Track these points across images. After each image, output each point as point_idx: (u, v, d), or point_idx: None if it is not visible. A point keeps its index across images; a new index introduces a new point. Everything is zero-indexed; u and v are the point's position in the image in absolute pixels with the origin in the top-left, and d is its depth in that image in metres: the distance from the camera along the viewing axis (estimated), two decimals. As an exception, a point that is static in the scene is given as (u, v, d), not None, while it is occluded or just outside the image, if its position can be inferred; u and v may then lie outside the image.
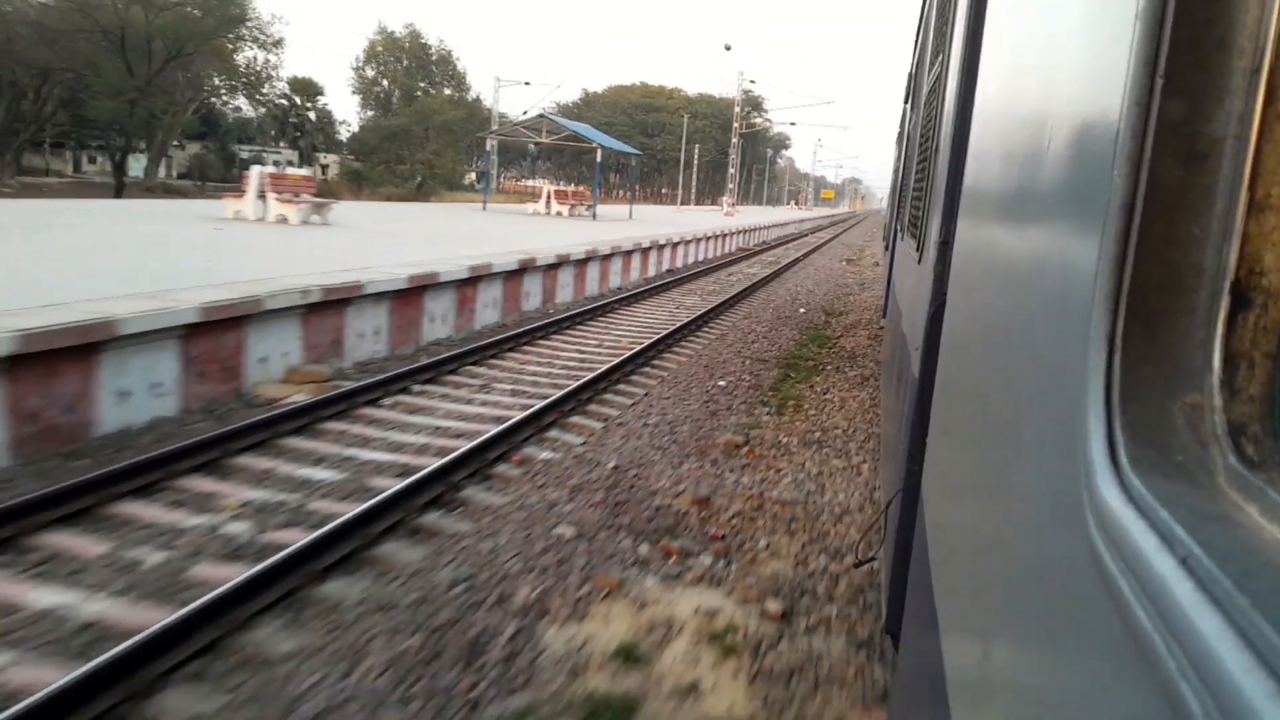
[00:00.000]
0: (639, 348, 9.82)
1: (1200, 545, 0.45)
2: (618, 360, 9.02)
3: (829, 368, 10.22)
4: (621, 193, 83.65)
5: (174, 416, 6.43)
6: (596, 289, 15.89)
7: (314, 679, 3.30)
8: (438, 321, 10.41)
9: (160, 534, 4.51)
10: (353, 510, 4.61)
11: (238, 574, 3.86)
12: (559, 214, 28.39)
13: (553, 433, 6.76)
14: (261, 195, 15.26)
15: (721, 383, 8.88)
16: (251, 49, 51.25)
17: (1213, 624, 0.40)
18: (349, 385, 7.23)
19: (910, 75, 7.66)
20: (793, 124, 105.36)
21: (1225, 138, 0.54)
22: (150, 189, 44.46)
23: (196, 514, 4.75)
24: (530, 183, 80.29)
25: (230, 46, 47.94)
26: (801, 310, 15.47)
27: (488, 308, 11.70)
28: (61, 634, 3.54)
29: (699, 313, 13.04)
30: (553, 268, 13.79)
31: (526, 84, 57.14)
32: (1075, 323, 0.68)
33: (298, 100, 78.48)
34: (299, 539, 4.26)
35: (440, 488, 5.27)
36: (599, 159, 31.43)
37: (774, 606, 4.13)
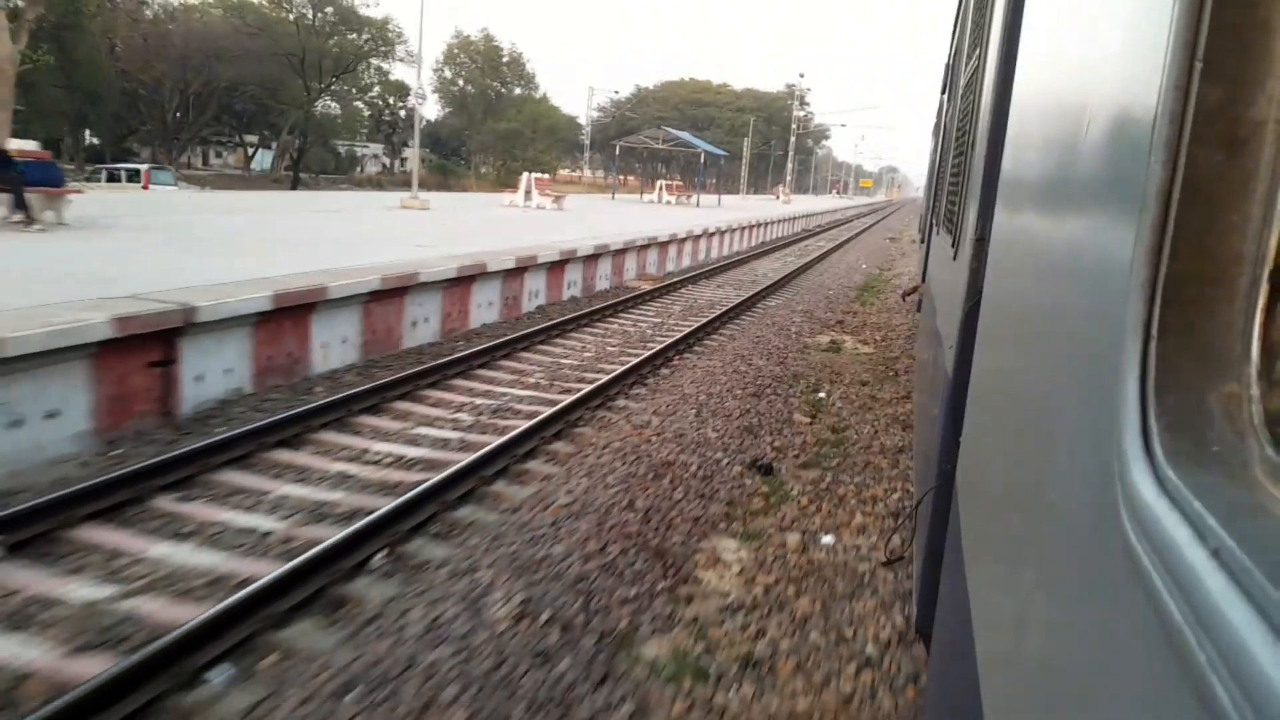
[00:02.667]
0: (795, 267, 18.88)
1: (1233, 537, 0.44)
2: (790, 270, 17.76)
3: (889, 291, 18.65)
4: (681, 184, 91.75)
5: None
6: (746, 244, 25.08)
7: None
8: (700, 254, 19.87)
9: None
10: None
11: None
12: (668, 203, 36.80)
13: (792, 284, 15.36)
14: (527, 193, 23.71)
15: (831, 292, 17.36)
16: (390, 63, 60.47)
17: (1244, 617, 0.40)
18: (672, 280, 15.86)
19: (947, 67, 7.84)
20: (843, 125, 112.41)
21: (1266, 121, 0.53)
22: (277, 180, 53.64)
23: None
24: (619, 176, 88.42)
25: (385, 64, 57.42)
26: (864, 266, 23.87)
27: (714, 244, 20.95)
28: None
29: (810, 258, 21.69)
30: (743, 229, 22.92)
31: (616, 93, 65.42)
32: (1111, 313, 0.67)
33: (390, 100, 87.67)
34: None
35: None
36: (703, 160, 40.07)
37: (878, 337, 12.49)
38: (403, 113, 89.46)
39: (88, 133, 50.82)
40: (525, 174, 24.16)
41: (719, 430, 7.13)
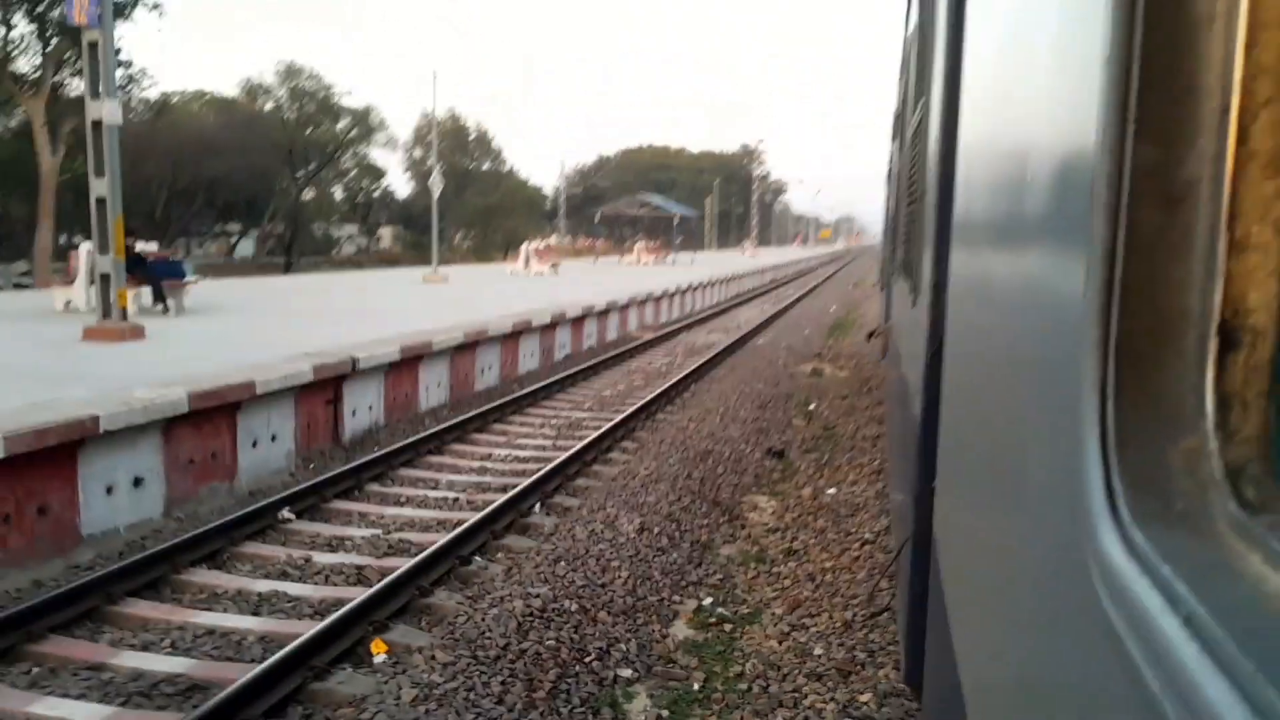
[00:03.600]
0: (771, 313, 21.17)
1: (1203, 603, 0.45)
2: (768, 316, 20.21)
3: (857, 329, 21.19)
4: (655, 245, 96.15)
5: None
6: (726, 295, 27.58)
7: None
8: (687, 306, 21.90)
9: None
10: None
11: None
12: (645, 263, 39.50)
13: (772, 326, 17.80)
14: (526, 260, 26.12)
15: (807, 331, 19.84)
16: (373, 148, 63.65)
17: (1219, 689, 0.40)
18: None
19: (896, 116, 7.81)
20: (801, 181, 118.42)
21: (1201, 179, 0.54)
22: (263, 266, 55.95)
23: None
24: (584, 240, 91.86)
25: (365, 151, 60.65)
26: (832, 309, 26.53)
27: (698, 298, 23.12)
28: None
29: (785, 305, 24.30)
30: (721, 282, 25.33)
31: (579, 165, 69.24)
32: (1068, 369, 0.67)
33: (365, 183, 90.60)
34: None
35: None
36: (676, 222, 43.27)
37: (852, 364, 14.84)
38: (376, 194, 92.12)
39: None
40: (525, 244, 26.65)
41: (739, 431, 9.38)
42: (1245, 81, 0.52)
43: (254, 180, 51.00)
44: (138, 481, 6.06)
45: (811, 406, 11.19)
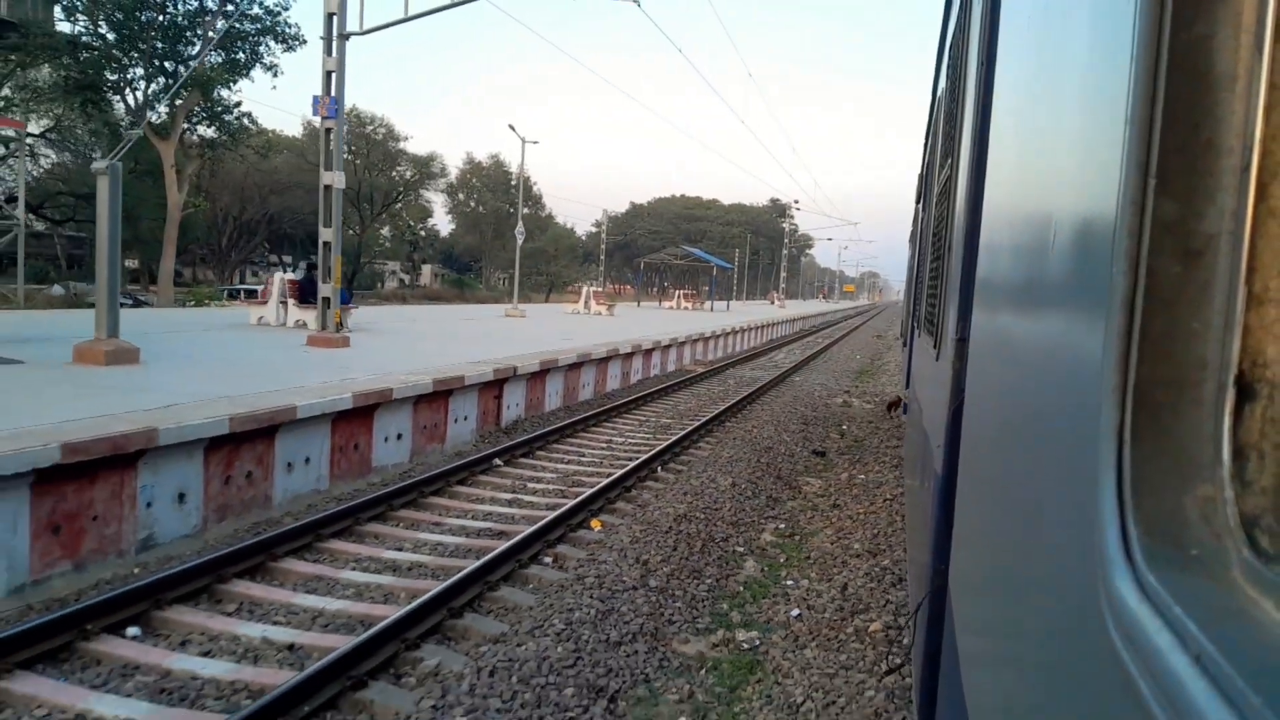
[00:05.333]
0: (803, 357, 23.90)
1: (1214, 643, 0.45)
2: (802, 359, 23.14)
3: (880, 374, 24.07)
4: (693, 293, 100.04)
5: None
6: (761, 340, 30.52)
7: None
8: (729, 347, 24.87)
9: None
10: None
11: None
12: (685, 309, 42.83)
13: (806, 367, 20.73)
14: (585, 301, 29.43)
15: (837, 372, 22.74)
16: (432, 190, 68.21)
17: None
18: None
19: (921, 177, 8.08)
20: (829, 239, 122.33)
21: (1219, 234, 0.55)
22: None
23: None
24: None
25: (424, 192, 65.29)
26: (858, 357, 29.47)
27: (737, 340, 26.07)
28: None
29: (814, 351, 27.15)
30: (756, 329, 28.32)
31: (607, 211, 73.37)
32: (1086, 418, 0.69)
33: (412, 223, 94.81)
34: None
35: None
36: (714, 273, 46.79)
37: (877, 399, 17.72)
38: (422, 233, 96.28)
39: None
40: (585, 287, 30.03)
41: (790, 437, 12.33)
42: (1265, 140, 0.53)
43: (313, 216, 55.60)
44: (399, 436, 9.12)
45: (844, 427, 14.11)
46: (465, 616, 5.31)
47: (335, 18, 11.95)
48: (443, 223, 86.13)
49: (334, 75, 11.92)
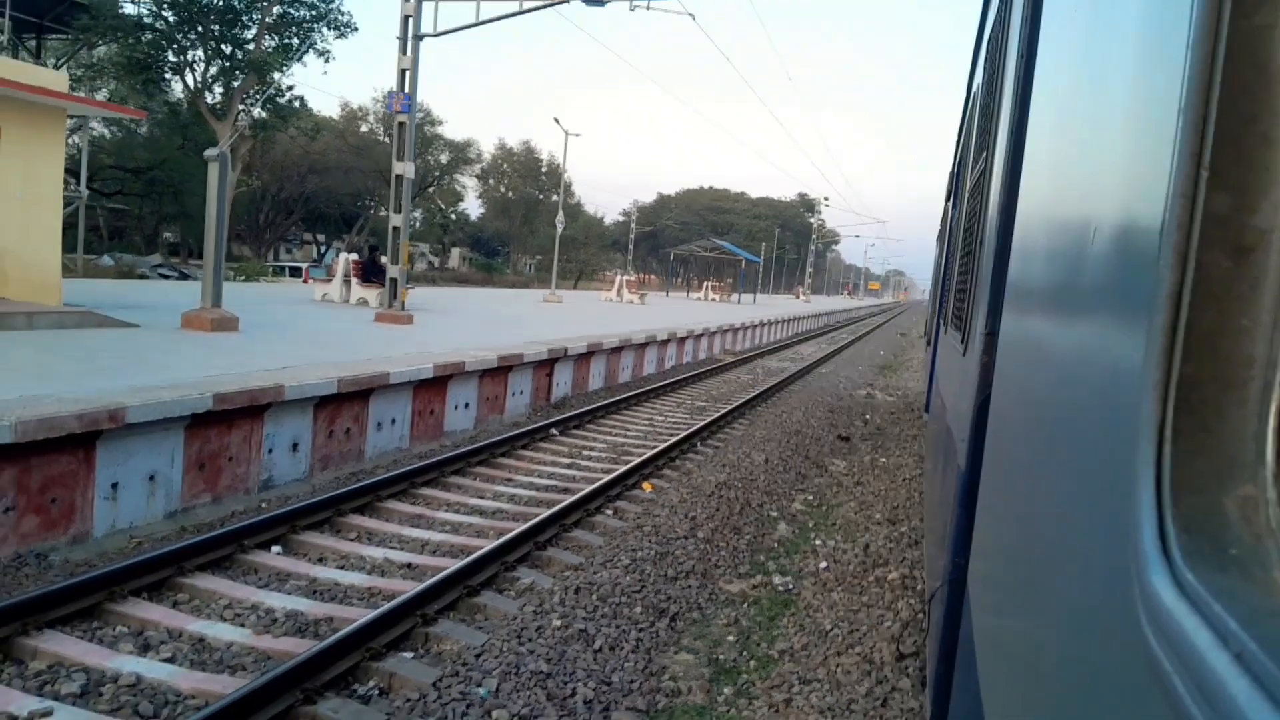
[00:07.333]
0: (828, 351, 24.68)
1: (1256, 641, 0.45)
2: (827, 353, 23.98)
3: (903, 370, 24.85)
4: (721, 285, 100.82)
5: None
6: (787, 333, 31.46)
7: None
8: (757, 338, 25.75)
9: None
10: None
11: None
12: (713, 300, 43.73)
13: (831, 360, 21.57)
14: (619, 290, 30.43)
15: (861, 367, 23.55)
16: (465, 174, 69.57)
17: None
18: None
19: (952, 174, 8.16)
20: (856, 236, 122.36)
21: (1273, 230, 0.54)
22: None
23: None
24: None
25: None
26: (881, 353, 30.25)
27: (764, 332, 26.97)
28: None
29: (839, 345, 27.92)
30: (782, 322, 29.22)
31: (636, 201, 74.21)
32: (1124, 414, 0.68)
33: (443, 206, 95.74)
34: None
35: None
36: (743, 266, 47.71)
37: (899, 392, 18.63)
38: (453, 216, 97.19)
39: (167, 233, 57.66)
40: (618, 275, 31.00)
41: (816, 422, 13.25)
42: None
43: (349, 197, 56.85)
44: (466, 405, 10.15)
45: (867, 416, 15.00)
46: (548, 550, 6.32)
47: (410, 20, 12.95)
48: (472, 207, 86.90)
49: (408, 73, 12.94)
